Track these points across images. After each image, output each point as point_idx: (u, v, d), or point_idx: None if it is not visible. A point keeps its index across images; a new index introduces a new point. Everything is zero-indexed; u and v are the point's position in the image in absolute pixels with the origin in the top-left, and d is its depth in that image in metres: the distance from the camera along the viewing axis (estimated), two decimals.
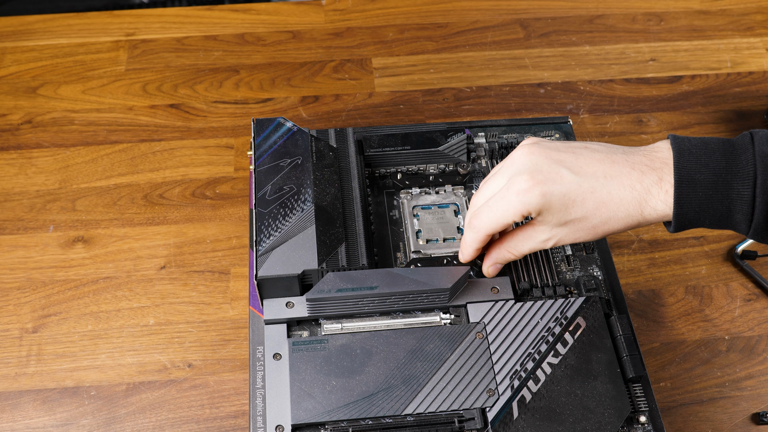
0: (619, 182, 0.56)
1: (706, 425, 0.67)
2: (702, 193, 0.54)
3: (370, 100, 0.90)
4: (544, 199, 0.56)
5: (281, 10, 0.99)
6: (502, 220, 0.59)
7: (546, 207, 0.57)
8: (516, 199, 0.57)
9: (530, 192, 0.56)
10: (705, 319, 0.73)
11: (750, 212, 0.54)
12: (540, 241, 0.60)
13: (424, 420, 0.56)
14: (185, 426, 0.67)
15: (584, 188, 0.56)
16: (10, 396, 0.68)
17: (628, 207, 0.56)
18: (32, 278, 0.75)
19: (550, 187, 0.56)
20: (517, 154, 0.59)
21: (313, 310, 0.61)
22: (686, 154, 0.55)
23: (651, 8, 1.00)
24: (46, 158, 0.84)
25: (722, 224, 0.56)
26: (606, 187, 0.56)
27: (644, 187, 0.56)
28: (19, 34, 0.95)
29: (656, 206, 0.55)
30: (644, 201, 0.56)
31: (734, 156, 0.54)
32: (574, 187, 0.56)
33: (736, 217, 0.54)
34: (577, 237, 0.59)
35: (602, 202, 0.56)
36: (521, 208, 0.57)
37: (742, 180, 0.53)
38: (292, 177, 0.67)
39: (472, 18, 0.99)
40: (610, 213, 0.56)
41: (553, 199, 0.57)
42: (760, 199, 0.53)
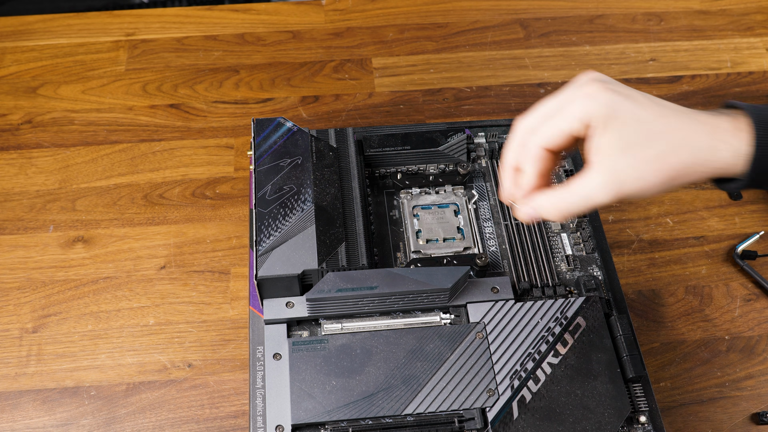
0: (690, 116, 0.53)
1: (706, 425, 0.67)
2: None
3: (370, 100, 0.90)
4: (613, 104, 0.51)
5: (281, 10, 0.99)
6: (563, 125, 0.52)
7: (614, 114, 0.51)
8: (584, 101, 0.51)
9: (601, 94, 0.51)
10: (705, 319, 0.73)
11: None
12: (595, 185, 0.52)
13: (424, 420, 0.56)
14: (185, 426, 0.67)
15: (655, 110, 0.52)
16: (10, 396, 0.68)
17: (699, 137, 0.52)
18: (32, 278, 0.75)
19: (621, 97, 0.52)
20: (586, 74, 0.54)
21: (313, 310, 0.61)
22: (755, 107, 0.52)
23: (651, 8, 1.00)
24: (46, 158, 0.84)
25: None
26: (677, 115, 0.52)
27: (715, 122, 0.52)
28: (19, 34, 0.95)
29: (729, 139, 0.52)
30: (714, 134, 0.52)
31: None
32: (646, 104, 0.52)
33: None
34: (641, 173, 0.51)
35: (672, 127, 0.52)
36: (587, 109, 0.51)
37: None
38: (292, 177, 0.67)
39: (472, 18, 0.99)
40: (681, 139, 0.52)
41: (622, 108, 0.51)
42: None
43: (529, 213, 0.55)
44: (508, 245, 0.67)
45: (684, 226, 0.80)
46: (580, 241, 0.68)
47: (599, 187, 0.51)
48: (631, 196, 0.52)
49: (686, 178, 0.52)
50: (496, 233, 0.69)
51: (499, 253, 0.68)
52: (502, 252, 0.68)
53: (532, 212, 0.55)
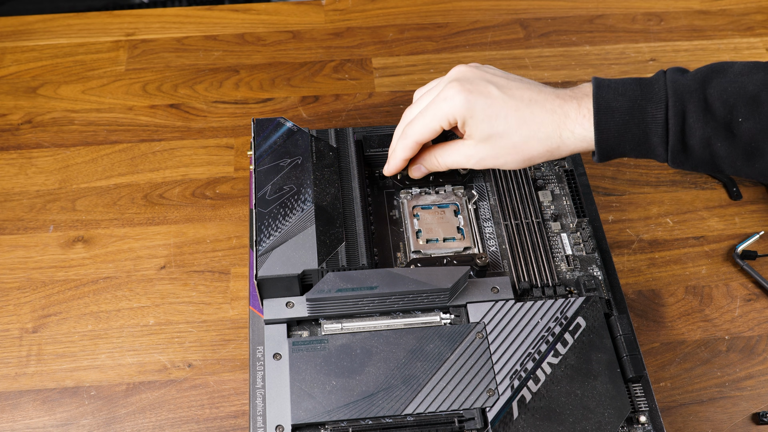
0: (542, 106, 0.60)
1: (706, 425, 0.67)
2: (619, 118, 0.57)
3: (370, 100, 0.90)
4: (469, 105, 0.60)
5: (281, 10, 0.99)
6: (431, 125, 0.63)
7: (470, 114, 0.60)
8: (442, 105, 0.61)
9: (456, 97, 0.61)
10: (705, 319, 0.73)
11: (665, 135, 0.57)
12: (465, 155, 0.63)
13: (424, 420, 0.56)
14: (185, 426, 0.67)
15: (509, 105, 0.60)
16: (10, 396, 0.68)
17: (547, 128, 0.60)
18: (32, 278, 0.75)
19: (476, 96, 0.60)
20: (452, 70, 0.63)
21: (313, 310, 0.61)
22: (605, 87, 0.58)
23: (651, 8, 1.00)
24: (46, 158, 0.84)
25: (642, 150, 0.58)
26: (529, 107, 0.60)
27: (564, 111, 0.59)
28: (19, 34, 0.95)
29: (573, 129, 0.59)
30: (563, 124, 0.59)
31: (649, 85, 0.58)
32: (499, 101, 0.60)
33: (653, 140, 0.57)
34: (498, 157, 0.62)
35: (524, 120, 0.60)
36: (448, 111, 0.61)
37: (655, 104, 0.57)
38: (292, 177, 0.67)
39: (472, 18, 0.99)
40: (531, 132, 0.60)
41: (477, 108, 0.60)
42: (673, 121, 0.56)
43: (419, 171, 0.68)
44: (508, 245, 0.67)
45: (684, 226, 0.80)
46: (580, 241, 0.68)
47: (465, 158, 0.63)
48: (492, 167, 0.64)
49: (541, 160, 0.62)
50: (496, 233, 0.69)
51: (499, 253, 0.68)
52: (502, 252, 0.68)
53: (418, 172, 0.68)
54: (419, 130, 0.64)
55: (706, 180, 0.83)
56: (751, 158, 0.56)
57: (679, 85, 0.56)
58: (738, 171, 0.57)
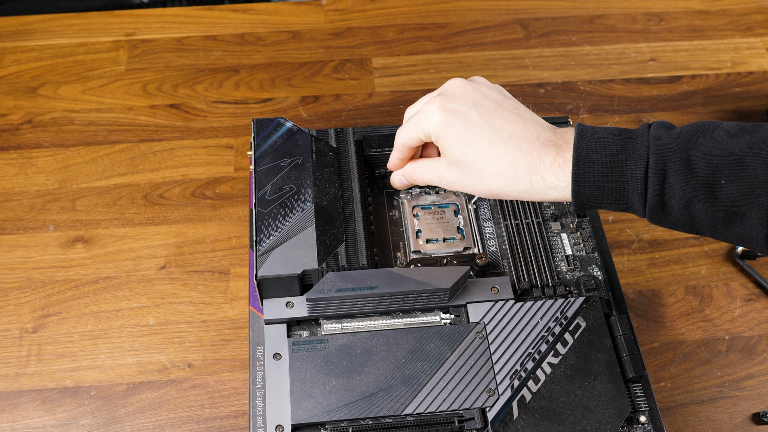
0: (519, 146, 0.58)
1: (706, 425, 0.67)
2: (598, 171, 0.56)
3: (370, 100, 0.90)
4: (444, 124, 0.59)
5: (281, 10, 0.99)
6: (411, 134, 0.63)
7: (443, 133, 0.60)
8: (422, 117, 0.61)
9: (434, 114, 0.60)
10: (705, 319, 0.73)
11: (643, 192, 0.55)
12: (438, 174, 0.63)
13: (424, 420, 0.56)
14: (185, 426, 0.67)
15: (484, 135, 0.59)
16: (10, 396, 0.68)
17: (517, 170, 0.58)
18: (32, 278, 0.75)
19: (454, 118, 0.59)
20: (450, 82, 0.63)
21: (313, 310, 0.61)
22: (587, 137, 0.57)
23: (651, 8, 1.00)
24: (46, 158, 0.84)
25: (620, 205, 0.57)
26: (504, 144, 0.58)
27: (539, 156, 0.58)
28: (19, 34, 0.95)
29: (545, 176, 0.57)
30: (535, 169, 0.58)
31: (631, 140, 0.56)
32: (475, 128, 0.59)
33: (631, 197, 0.56)
34: (466, 184, 0.61)
35: (495, 154, 0.58)
36: (424, 126, 0.61)
37: (635, 160, 0.55)
38: (292, 177, 0.67)
39: (472, 18, 0.99)
40: (500, 169, 0.58)
41: (451, 130, 0.59)
42: (653, 179, 0.54)
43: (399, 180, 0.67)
44: (508, 245, 0.67)
45: None
46: (580, 241, 0.68)
47: (438, 178, 0.63)
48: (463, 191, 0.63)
49: (508, 197, 0.60)
50: (496, 233, 0.69)
51: (499, 253, 0.68)
52: (502, 252, 0.68)
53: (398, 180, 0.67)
54: (403, 135, 0.64)
55: None
56: (731, 222, 0.54)
57: (662, 141, 0.54)
58: (718, 235, 0.55)
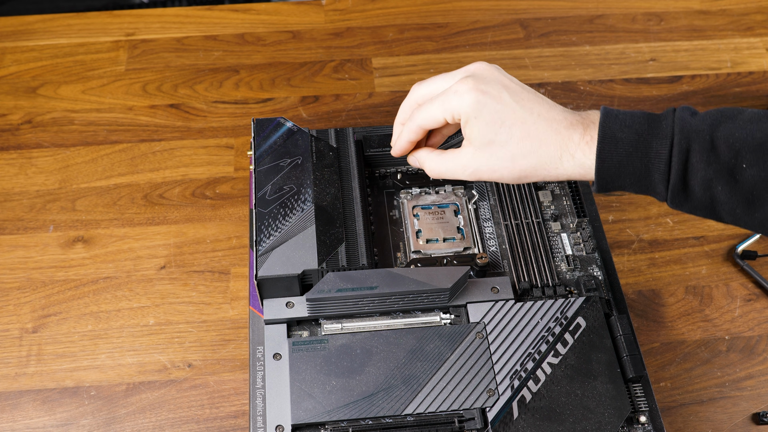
0: (549, 125, 0.59)
1: (706, 425, 0.67)
2: (623, 149, 0.56)
3: (370, 100, 0.90)
4: (478, 105, 0.59)
5: (281, 10, 0.99)
6: (436, 115, 0.62)
7: (476, 114, 0.59)
8: (452, 98, 0.60)
9: (468, 94, 0.59)
10: (705, 319, 0.73)
11: (667, 171, 0.56)
12: (461, 165, 0.62)
13: (424, 420, 0.56)
14: (185, 426, 0.67)
15: (517, 114, 0.59)
16: (10, 396, 0.68)
17: (549, 148, 0.59)
18: (32, 278, 0.75)
19: (488, 98, 0.59)
20: (474, 65, 0.62)
21: (313, 310, 0.61)
22: (612, 117, 0.57)
23: (651, 8, 1.00)
24: (46, 158, 0.84)
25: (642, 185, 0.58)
26: (536, 123, 0.59)
27: (568, 134, 0.58)
28: (19, 34, 0.95)
29: (574, 153, 0.58)
30: (564, 146, 0.58)
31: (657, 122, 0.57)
32: (508, 109, 0.59)
33: (654, 176, 0.56)
34: (495, 170, 0.61)
35: (528, 133, 0.59)
36: (456, 106, 0.60)
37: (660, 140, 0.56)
38: (292, 177, 0.67)
39: (472, 18, 0.99)
40: (532, 147, 0.59)
41: (485, 110, 0.59)
42: (676, 158, 0.55)
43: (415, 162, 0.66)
44: (508, 245, 0.67)
45: (684, 226, 0.80)
46: (580, 241, 0.68)
47: (461, 168, 0.62)
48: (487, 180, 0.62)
49: (536, 177, 0.60)
50: (496, 233, 0.69)
51: (499, 253, 0.68)
52: (502, 252, 0.68)
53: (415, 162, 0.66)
54: (424, 116, 0.63)
55: None
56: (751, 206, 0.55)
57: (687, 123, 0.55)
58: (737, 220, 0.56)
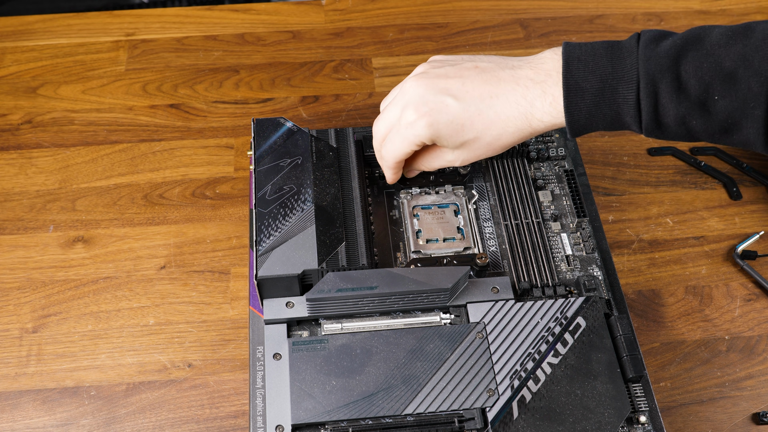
0: (505, 100, 0.59)
1: (706, 425, 0.67)
2: (590, 99, 0.56)
3: (370, 100, 0.90)
4: (432, 129, 0.61)
5: (281, 10, 0.99)
6: (402, 151, 0.64)
7: (436, 135, 0.61)
8: (407, 132, 0.62)
9: (417, 124, 0.61)
10: (705, 319, 0.73)
11: (637, 115, 0.55)
12: (447, 160, 0.65)
13: (424, 420, 0.56)
14: (185, 426, 0.67)
15: (471, 112, 0.60)
16: (10, 396, 0.68)
17: (516, 122, 0.59)
18: (32, 278, 0.75)
19: (436, 117, 0.60)
20: (406, 85, 0.63)
21: (313, 310, 0.61)
22: (575, 62, 0.57)
23: (651, 8, 1.00)
24: (46, 158, 0.84)
25: (616, 127, 0.58)
26: (492, 107, 0.60)
27: (528, 101, 0.59)
28: (19, 34, 0.95)
29: (542, 117, 0.59)
30: (530, 114, 0.59)
31: (620, 59, 0.55)
32: (459, 113, 0.60)
33: (626, 119, 0.56)
34: (478, 155, 0.63)
35: (491, 121, 0.60)
36: (413, 139, 0.62)
37: (626, 84, 0.55)
38: (292, 177, 0.67)
39: (472, 18, 0.99)
40: (500, 130, 0.60)
41: (440, 127, 0.60)
42: (645, 102, 0.55)
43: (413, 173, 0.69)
44: (508, 245, 0.67)
45: (684, 226, 0.80)
46: (580, 241, 0.68)
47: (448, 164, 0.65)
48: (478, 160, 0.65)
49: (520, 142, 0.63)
50: (496, 233, 0.69)
51: (499, 253, 0.68)
52: (502, 252, 0.68)
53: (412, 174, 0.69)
54: (393, 153, 0.65)
55: (706, 180, 0.83)
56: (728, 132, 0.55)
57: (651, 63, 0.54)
58: (717, 142, 0.57)
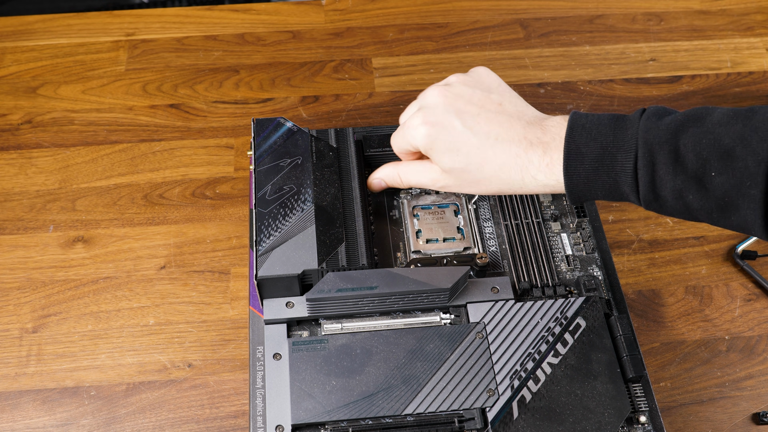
0: (507, 148, 0.59)
1: (706, 425, 0.67)
2: (589, 165, 0.56)
3: (370, 100, 0.90)
4: (429, 138, 0.61)
5: (281, 10, 0.99)
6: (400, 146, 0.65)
7: (430, 146, 0.61)
8: (408, 132, 0.63)
9: (418, 129, 0.62)
10: (705, 319, 0.73)
11: (635, 184, 0.55)
12: (429, 178, 0.64)
13: (424, 420, 0.56)
14: (185, 426, 0.67)
15: (472, 142, 0.60)
16: (10, 396, 0.68)
17: (510, 171, 0.59)
18: (32, 278, 0.75)
19: (438, 130, 0.61)
20: (430, 92, 0.64)
21: (313, 310, 0.61)
22: (578, 129, 0.57)
23: (651, 8, 1.00)
24: (46, 158, 0.84)
25: (614, 196, 0.57)
26: (493, 148, 0.60)
27: (527, 157, 0.59)
28: (19, 34, 0.95)
29: (536, 175, 0.59)
30: (525, 169, 0.59)
31: (622, 129, 0.55)
32: (461, 137, 0.60)
33: (623, 189, 0.56)
34: (462, 188, 0.63)
35: (486, 159, 0.60)
36: (410, 140, 0.63)
37: (625, 153, 0.55)
38: (292, 177, 0.67)
39: (472, 18, 0.99)
40: (492, 172, 0.60)
41: (437, 142, 0.61)
42: (642, 171, 0.54)
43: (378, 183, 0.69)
44: (508, 245, 0.67)
45: (684, 226, 0.80)
46: (580, 241, 0.68)
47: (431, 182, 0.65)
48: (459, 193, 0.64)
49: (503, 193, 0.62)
50: (496, 233, 0.69)
51: (499, 253, 0.68)
52: (502, 252, 0.68)
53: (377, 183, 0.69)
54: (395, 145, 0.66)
55: None
56: (725, 212, 0.53)
57: (651, 134, 0.54)
58: (716, 223, 0.55)
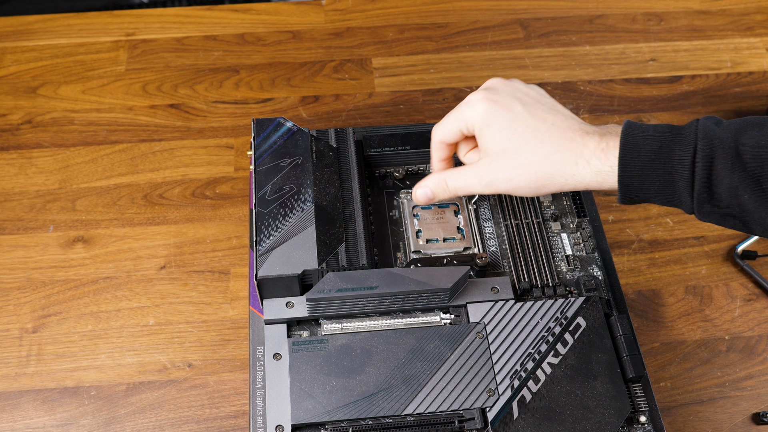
0: (562, 132, 0.59)
1: (706, 425, 0.67)
2: (645, 156, 0.56)
3: (370, 100, 0.90)
4: (489, 114, 0.60)
5: (281, 10, 0.99)
6: (450, 126, 0.63)
7: (488, 123, 0.60)
8: (466, 108, 0.62)
9: (479, 104, 0.61)
10: (705, 319, 0.73)
11: (691, 178, 0.55)
12: (477, 175, 0.62)
13: (424, 420, 0.56)
14: (185, 426, 0.67)
15: (528, 123, 0.60)
16: (10, 396, 0.68)
17: (564, 153, 0.58)
18: (32, 278, 0.75)
19: (498, 107, 0.60)
20: (490, 80, 0.64)
21: (313, 310, 0.61)
22: (635, 127, 0.57)
23: (651, 8, 1.00)
24: (46, 158, 0.84)
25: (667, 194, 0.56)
26: (549, 131, 0.59)
27: (583, 141, 0.58)
28: (19, 34, 0.95)
29: (590, 160, 0.58)
30: (579, 153, 0.58)
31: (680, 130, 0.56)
32: (520, 118, 0.60)
33: (678, 183, 0.55)
34: (511, 179, 0.60)
35: (541, 140, 0.59)
36: (468, 116, 0.61)
37: (683, 147, 0.55)
38: (292, 177, 0.67)
39: (472, 18, 0.99)
40: (546, 153, 0.59)
41: (496, 118, 0.60)
42: (700, 165, 0.54)
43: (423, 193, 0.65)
44: (508, 245, 0.67)
45: (684, 226, 0.80)
46: (580, 241, 0.68)
47: (477, 179, 0.61)
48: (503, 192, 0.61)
49: (553, 186, 0.60)
50: (496, 233, 0.69)
51: (499, 253, 0.68)
52: (502, 252, 0.68)
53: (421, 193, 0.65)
54: (441, 130, 0.64)
55: None
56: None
57: (710, 131, 0.54)
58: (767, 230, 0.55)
